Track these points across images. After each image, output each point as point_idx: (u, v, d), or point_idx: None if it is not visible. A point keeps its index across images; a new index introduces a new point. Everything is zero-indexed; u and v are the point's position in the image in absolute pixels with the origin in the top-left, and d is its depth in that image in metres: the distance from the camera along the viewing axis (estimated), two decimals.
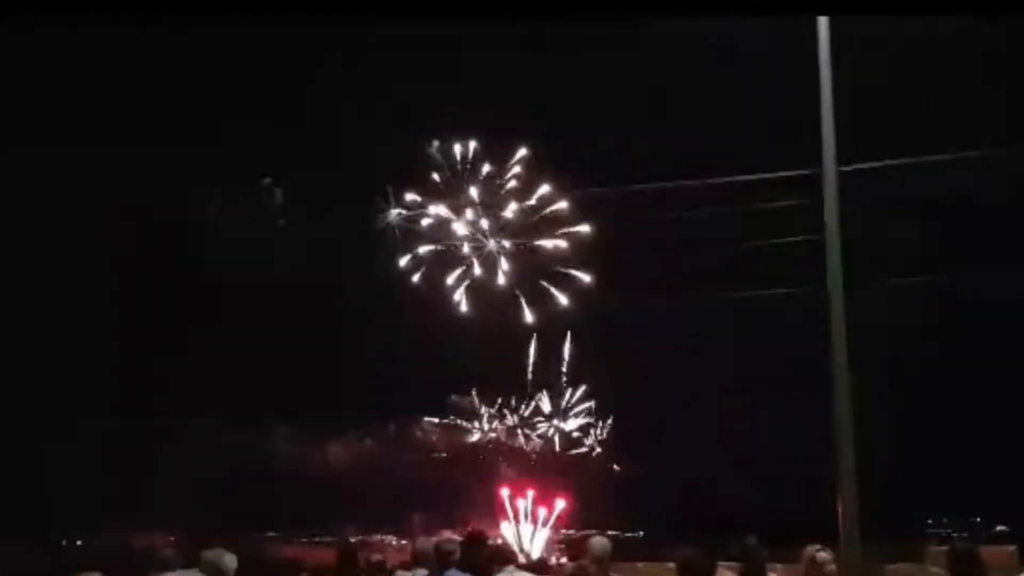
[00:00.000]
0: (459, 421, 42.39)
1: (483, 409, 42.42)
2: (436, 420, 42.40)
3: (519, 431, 42.40)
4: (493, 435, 42.29)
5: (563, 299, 35.98)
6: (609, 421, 43.46)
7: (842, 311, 12.82)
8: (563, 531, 38.04)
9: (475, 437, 42.45)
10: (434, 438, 42.33)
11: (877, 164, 15.14)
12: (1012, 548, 9.03)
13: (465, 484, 39.63)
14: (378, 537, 35.36)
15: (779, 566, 11.07)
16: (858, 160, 14.33)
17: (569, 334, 41.23)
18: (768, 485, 36.41)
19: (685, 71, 29.24)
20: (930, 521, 41.75)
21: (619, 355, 38.92)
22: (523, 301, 36.02)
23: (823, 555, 8.09)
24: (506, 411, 42.40)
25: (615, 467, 43.10)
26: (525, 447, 42.40)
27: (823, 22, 13.35)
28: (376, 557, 9.54)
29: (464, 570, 9.30)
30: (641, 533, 42.01)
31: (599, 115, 33.10)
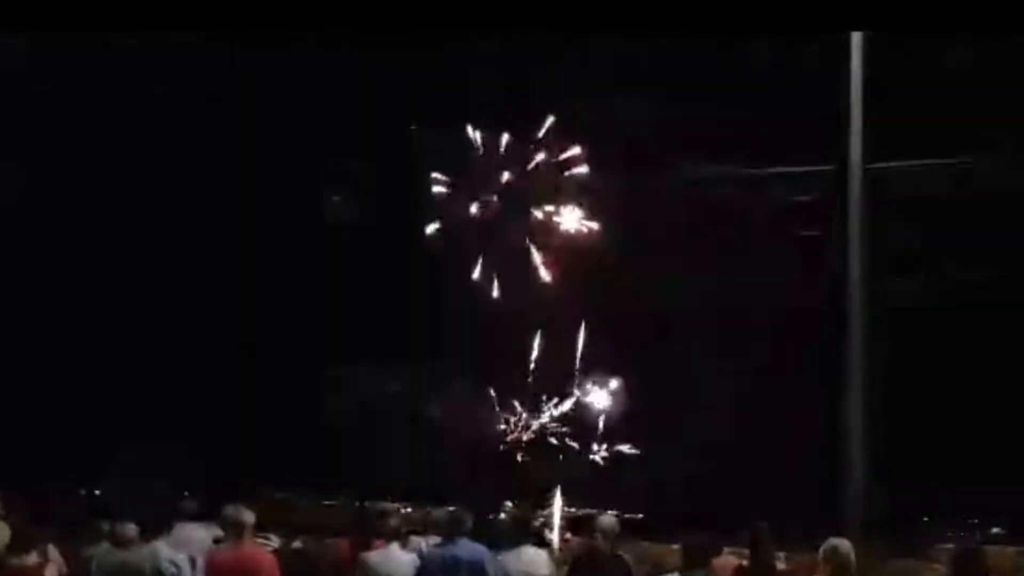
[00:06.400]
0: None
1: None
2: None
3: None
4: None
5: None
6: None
7: (859, 309, 13.00)
8: (565, 509, 38.28)
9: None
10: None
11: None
12: (1011, 549, 9.18)
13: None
14: (389, 504, 35.46)
15: (782, 554, 11.27)
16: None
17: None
18: (771, 476, 36.60)
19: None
20: (927, 519, 41.85)
21: (628, 339, 39.02)
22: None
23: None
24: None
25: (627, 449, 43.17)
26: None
27: (856, 68, 13.53)
28: (393, 522, 9.78)
29: (475, 540, 9.55)
30: (640, 515, 42.24)
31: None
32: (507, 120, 35.30)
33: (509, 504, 37.84)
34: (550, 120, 35.20)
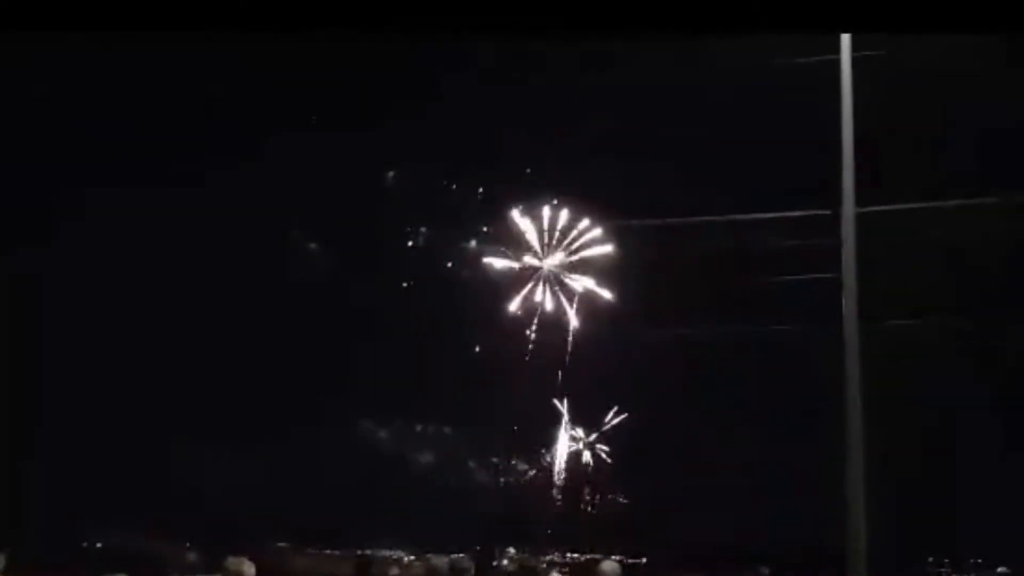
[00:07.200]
0: None
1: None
2: None
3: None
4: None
5: (575, 321, 36.50)
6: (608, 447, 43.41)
7: (857, 350, 13.02)
8: (568, 555, 38.07)
9: None
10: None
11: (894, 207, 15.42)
12: None
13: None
14: (389, 552, 35.37)
15: None
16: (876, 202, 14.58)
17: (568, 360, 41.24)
18: (773, 516, 36.41)
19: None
20: (931, 559, 41.63)
21: (629, 382, 39.06)
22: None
23: None
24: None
25: (620, 499, 43.04)
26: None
27: (846, 68, 13.71)
28: (394, 571, 9.76)
29: None
30: (644, 560, 41.95)
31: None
32: (488, 172, 35.89)
33: (512, 551, 37.65)
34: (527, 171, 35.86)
